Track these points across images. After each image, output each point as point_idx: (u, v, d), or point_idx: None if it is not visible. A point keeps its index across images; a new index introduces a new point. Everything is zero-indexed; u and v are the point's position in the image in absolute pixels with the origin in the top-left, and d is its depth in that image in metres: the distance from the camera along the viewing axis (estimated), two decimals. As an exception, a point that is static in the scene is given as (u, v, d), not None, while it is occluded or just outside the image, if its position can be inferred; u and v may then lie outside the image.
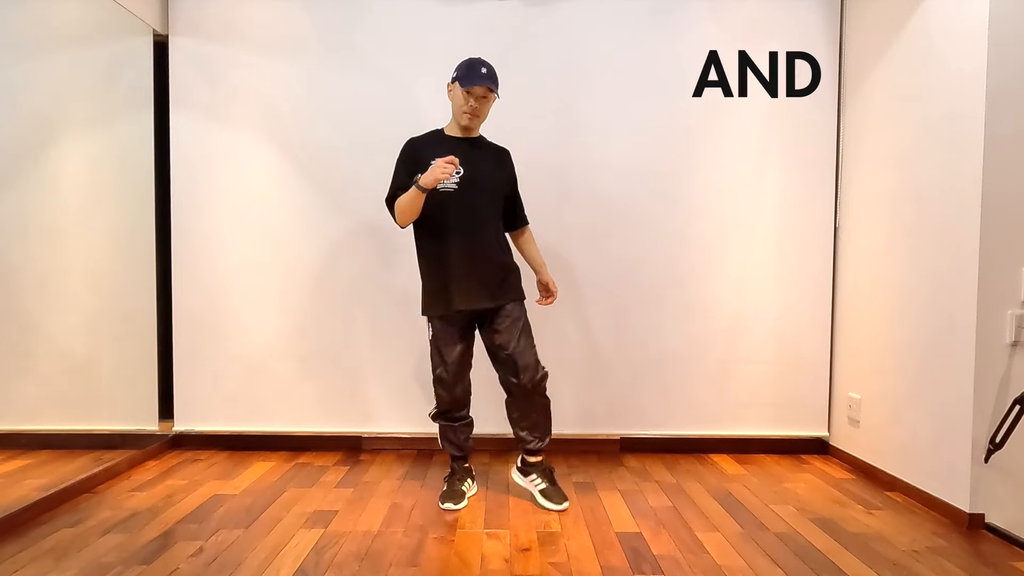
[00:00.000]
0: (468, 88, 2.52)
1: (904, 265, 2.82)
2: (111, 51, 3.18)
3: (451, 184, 2.56)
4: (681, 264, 3.38)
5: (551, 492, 2.63)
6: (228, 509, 2.56)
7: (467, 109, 2.56)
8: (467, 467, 2.79)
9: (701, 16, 3.33)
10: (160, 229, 3.35)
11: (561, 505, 2.59)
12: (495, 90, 2.57)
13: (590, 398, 3.41)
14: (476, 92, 2.54)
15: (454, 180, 2.57)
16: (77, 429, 3.05)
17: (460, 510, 2.58)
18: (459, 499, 2.62)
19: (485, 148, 2.70)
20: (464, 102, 2.55)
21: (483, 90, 2.54)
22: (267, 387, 3.39)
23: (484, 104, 2.58)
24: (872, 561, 2.14)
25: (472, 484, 2.77)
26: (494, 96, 2.59)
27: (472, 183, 2.57)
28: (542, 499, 2.63)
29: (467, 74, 2.53)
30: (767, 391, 3.40)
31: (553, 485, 2.67)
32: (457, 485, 2.69)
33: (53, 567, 2.05)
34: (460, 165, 2.51)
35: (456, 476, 2.73)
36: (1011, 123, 2.35)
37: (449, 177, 2.49)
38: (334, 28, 3.34)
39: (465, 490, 2.69)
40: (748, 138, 3.36)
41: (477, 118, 2.60)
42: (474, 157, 2.61)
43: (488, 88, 2.54)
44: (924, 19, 2.71)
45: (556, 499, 2.61)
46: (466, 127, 2.61)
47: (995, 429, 2.35)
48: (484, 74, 2.53)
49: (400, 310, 3.36)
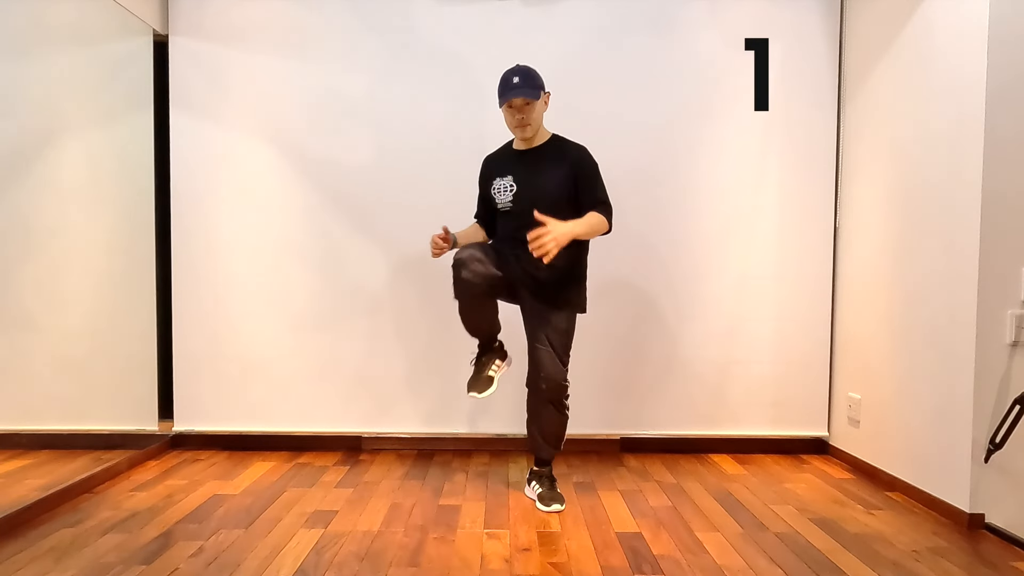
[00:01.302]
0: (506, 104, 2.52)
1: (904, 265, 2.82)
2: (111, 51, 3.18)
3: (507, 201, 2.60)
4: (681, 264, 3.38)
5: (545, 496, 2.63)
6: (228, 509, 2.56)
7: (514, 123, 2.56)
8: (495, 346, 2.71)
9: (701, 16, 3.33)
10: (160, 229, 3.35)
11: (550, 507, 2.57)
12: (533, 95, 2.51)
13: (590, 398, 3.40)
14: (514, 103, 2.52)
15: (508, 197, 2.60)
16: (77, 429, 3.05)
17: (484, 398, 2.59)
18: (484, 386, 2.58)
19: (548, 154, 2.62)
20: (510, 118, 2.56)
21: (521, 100, 2.51)
22: (267, 387, 3.39)
23: (529, 112, 2.54)
24: (872, 561, 2.14)
25: (500, 365, 2.67)
26: (536, 100, 2.53)
27: (524, 197, 2.56)
28: (538, 503, 2.63)
29: (502, 90, 2.53)
30: (767, 391, 3.40)
31: (551, 491, 2.65)
32: (483, 369, 2.62)
33: (53, 567, 2.05)
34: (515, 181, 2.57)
35: (483, 357, 2.67)
36: (1011, 123, 2.35)
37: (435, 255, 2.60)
38: (334, 28, 3.33)
39: (493, 374, 2.62)
40: (748, 138, 3.36)
41: (528, 127, 2.56)
42: (530, 169, 2.59)
43: (523, 98, 2.50)
44: (924, 19, 2.71)
45: (547, 501, 2.59)
46: (523, 139, 2.62)
47: (995, 429, 2.35)
48: (516, 84, 2.50)
49: (401, 309, 3.36)
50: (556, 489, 2.67)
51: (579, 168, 2.57)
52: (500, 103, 2.55)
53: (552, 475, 2.73)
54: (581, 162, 2.58)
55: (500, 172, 2.65)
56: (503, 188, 2.62)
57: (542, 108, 2.59)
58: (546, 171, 2.59)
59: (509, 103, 2.52)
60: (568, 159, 2.59)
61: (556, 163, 2.59)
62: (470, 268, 2.44)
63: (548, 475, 2.72)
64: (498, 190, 2.64)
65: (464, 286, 2.48)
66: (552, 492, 2.64)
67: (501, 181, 2.63)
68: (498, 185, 2.64)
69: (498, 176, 2.65)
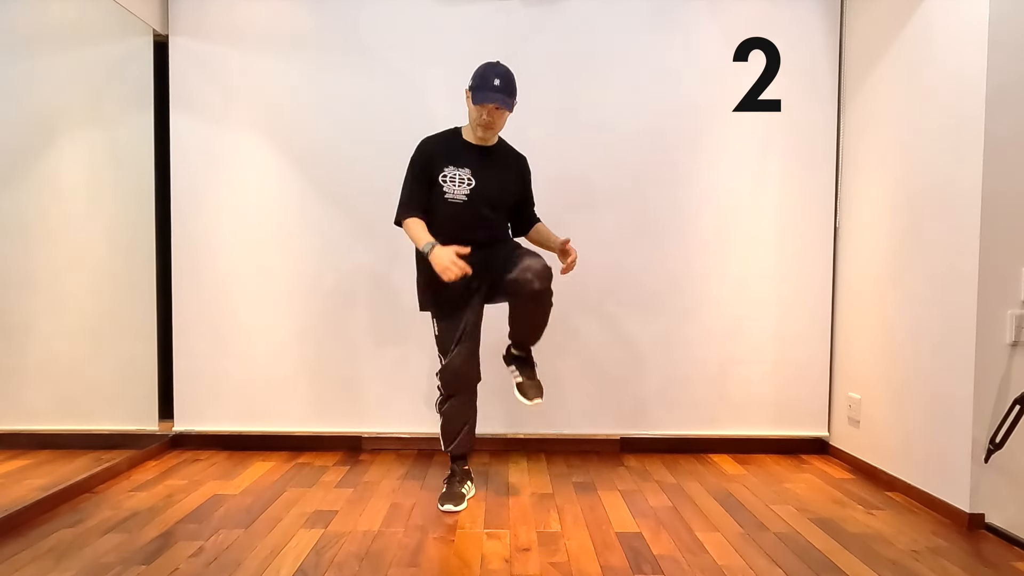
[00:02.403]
0: (480, 103, 2.49)
1: (904, 265, 2.82)
2: (111, 51, 3.18)
3: (460, 196, 2.57)
4: (681, 264, 3.38)
5: (526, 386, 2.63)
6: (228, 509, 2.56)
7: (481, 122, 2.54)
8: (466, 469, 2.78)
9: (701, 16, 3.33)
10: (160, 229, 3.35)
11: (533, 401, 2.59)
12: (509, 104, 2.51)
13: (590, 398, 3.41)
14: (489, 106, 2.50)
15: (463, 191, 2.57)
16: (77, 429, 3.05)
17: (459, 512, 2.57)
18: (458, 501, 2.61)
19: (499, 156, 2.66)
20: (478, 115, 2.53)
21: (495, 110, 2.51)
22: (267, 387, 3.39)
23: (499, 116, 2.54)
24: (872, 561, 2.14)
25: (471, 486, 2.76)
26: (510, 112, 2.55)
27: (481, 194, 2.56)
28: (517, 393, 2.64)
29: (480, 86, 2.49)
30: (767, 391, 3.40)
31: (531, 380, 2.66)
32: (456, 487, 2.68)
33: (53, 567, 2.05)
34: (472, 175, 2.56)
35: (456, 478, 2.72)
36: (1011, 123, 2.35)
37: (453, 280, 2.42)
38: (334, 28, 3.33)
39: (465, 492, 2.68)
40: (748, 138, 3.36)
41: (492, 129, 2.57)
42: (486, 166, 2.60)
43: (501, 107, 2.50)
44: (924, 19, 2.71)
45: (530, 393, 2.61)
46: (482, 138, 2.61)
47: (995, 429, 2.35)
48: (497, 87, 2.47)
49: (400, 310, 3.36)
50: (536, 378, 2.70)
51: (525, 176, 2.75)
52: (475, 99, 2.49)
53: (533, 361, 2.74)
54: (526, 171, 2.75)
55: (454, 161, 2.58)
56: (458, 179, 2.57)
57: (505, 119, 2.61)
58: (501, 173, 2.63)
59: (485, 106, 2.50)
60: (517, 165, 2.72)
61: (508, 167, 2.68)
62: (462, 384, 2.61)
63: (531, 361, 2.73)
64: (452, 179, 2.57)
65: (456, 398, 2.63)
66: (533, 383, 2.67)
67: (456, 171, 2.57)
68: (452, 174, 2.57)
69: (451, 165, 2.58)
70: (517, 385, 2.68)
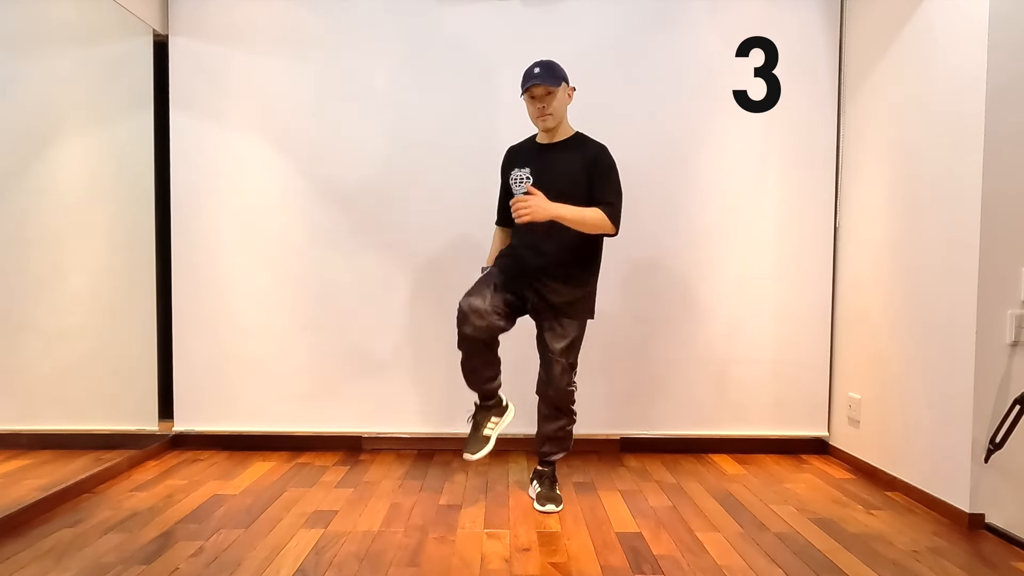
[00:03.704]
0: (525, 93, 2.51)
1: (904, 265, 2.82)
2: (111, 51, 3.18)
3: (520, 190, 2.57)
4: (681, 264, 3.38)
5: (543, 495, 2.63)
6: (228, 509, 2.56)
7: (535, 113, 2.54)
8: (487, 405, 2.65)
9: (701, 16, 3.33)
10: (160, 229, 3.35)
11: (545, 507, 2.56)
12: (554, 83, 2.50)
13: (590, 398, 3.39)
14: (535, 92, 2.50)
15: (523, 189, 2.55)
16: (77, 429, 3.05)
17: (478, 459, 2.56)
18: (479, 446, 2.56)
19: (565, 150, 2.60)
20: (532, 108, 2.54)
21: (541, 89, 2.49)
22: (267, 387, 3.39)
23: (550, 101, 2.51)
24: (872, 561, 2.14)
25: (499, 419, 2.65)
26: (559, 90, 2.51)
27: (540, 188, 2.48)
28: (535, 502, 2.63)
29: (523, 81, 2.51)
30: (767, 391, 3.40)
31: (550, 490, 2.66)
32: (479, 428, 2.61)
33: (53, 567, 2.05)
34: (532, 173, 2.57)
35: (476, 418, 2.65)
36: (1011, 123, 2.35)
37: None
38: (334, 28, 3.33)
39: (489, 433, 2.60)
40: (748, 138, 3.36)
41: (549, 117, 2.53)
42: (549, 162, 2.57)
43: (544, 86, 2.48)
44: (924, 19, 2.71)
45: (543, 501, 2.59)
46: (544, 130, 2.60)
47: (995, 429, 2.35)
48: (536, 73, 2.48)
49: (401, 309, 3.37)
50: (555, 490, 2.67)
51: (594, 166, 2.54)
52: (521, 93, 2.53)
53: (554, 476, 2.74)
54: (597, 160, 2.55)
55: (520, 163, 2.64)
56: (519, 179, 2.61)
57: (564, 100, 2.56)
58: (562, 165, 2.56)
59: (530, 93, 2.50)
60: (585, 156, 2.56)
61: (573, 158, 2.57)
62: (471, 323, 2.43)
63: (550, 475, 2.72)
64: (515, 181, 2.63)
65: (466, 341, 2.50)
66: (551, 492, 2.64)
67: (519, 172, 2.62)
68: (516, 176, 2.63)
69: (517, 167, 2.64)
70: (537, 496, 2.64)
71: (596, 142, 2.61)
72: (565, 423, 2.70)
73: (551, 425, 2.69)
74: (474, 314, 2.42)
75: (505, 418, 2.69)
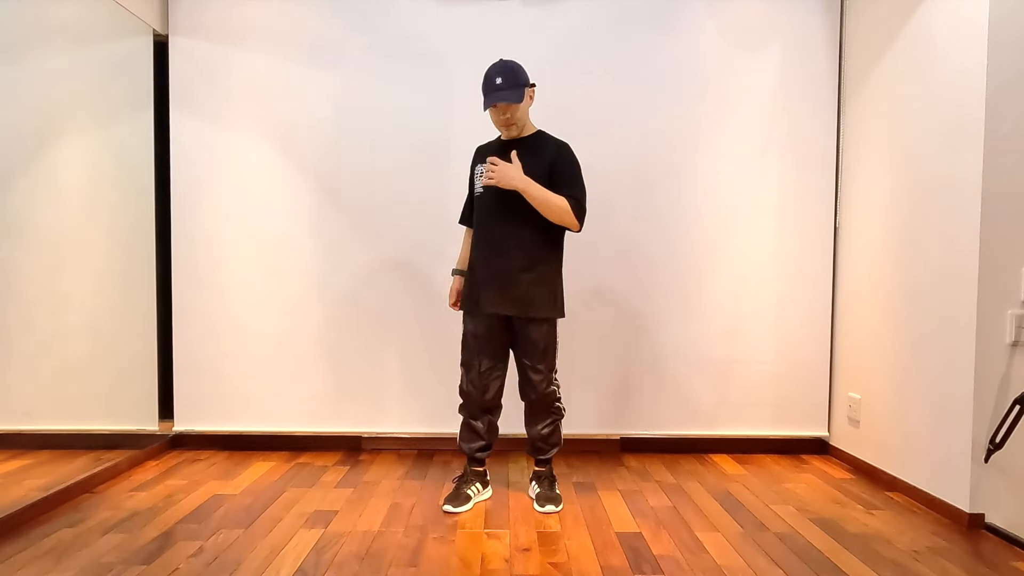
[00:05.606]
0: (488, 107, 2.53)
1: (904, 265, 2.82)
2: (111, 51, 3.17)
3: (479, 188, 2.61)
4: (681, 264, 3.38)
5: (543, 496, 2.63)
6: (228, 509, 2.56)
7: (500, 123, 2.58)
8: (478, 470, 2.74)
9: (701, 16, 3.33)
10: (160, 229, 3.35)
11: (544, 507, 2.56)
12: (518, 100, 2.49)
13: (590, 398, 3.41)
14: (499, 105, 2.51)
15: (479, 186, 2.59)
16: (77, 429, 3.05)
17: (459, 514, 2.55)
18: (460, 502, 2.58)
19: (527, 146, 2.59)
20: (496, 117, 2.58)
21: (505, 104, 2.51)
22: (267, 387, 3.39)
23: (514, 111, 2.53)
24: (872, 561, 2.14)
25: (482, 489, 2.72)
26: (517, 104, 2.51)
27: (495, 187, 2.51)
28: (535, 503, 2.63)
29: (485, 90, 2.51)
30: (767, 391, 3.40)
31: (549, 491, 2.66)
32: (463, 488, 2.66)
33: (53, 567, 2.05)
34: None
35: (464, 478, 2.70)
36: (1011, 123, 2.35)
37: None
38: (334, 28, 3.33)
39: (471, 494, 2.64)
40: (748, 138, 3.36)
41: (513, 127, 2.57)
42: (508, 157, 2.56)
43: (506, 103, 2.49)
44: (924, 19, 2.71)
45: (542, 502, 2.59)
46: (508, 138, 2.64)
47: (995, 429, 2.35)
48: (500, 85, 2.47)
49: (401, 309, 3.36)
50: (555, 490, 2.68)
51: (557, 162, 2.55)
52: (484, 104, 2.53)
53: (552, 475, 2.74)
54: (560, 156, 2.57)
55: (483, 159, 2.63)
56: (479, 173, 2.62)
57: (527, 104, 2.57)
58: (524, 161, 2.54)
59: (494, 105, 2.51)
60: (548, 152, 2.57)
61: (536, 155, 2.56)
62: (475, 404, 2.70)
63: (548, 475, 2.72)
64: (478, 175, 2.65)
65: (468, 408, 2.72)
66: (550, 493, 2.64)
67: (481, 167, 2.62)
68: (478, 170, 2.65)
69: (480, 163, 2.64)
70: (536, 496, 2.65)
71: (558, 140, 2.64)
72: (552, 420, 2.72)
73: (538, 425, 2.72)
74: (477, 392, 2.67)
75: (484, 493, 2.73)
